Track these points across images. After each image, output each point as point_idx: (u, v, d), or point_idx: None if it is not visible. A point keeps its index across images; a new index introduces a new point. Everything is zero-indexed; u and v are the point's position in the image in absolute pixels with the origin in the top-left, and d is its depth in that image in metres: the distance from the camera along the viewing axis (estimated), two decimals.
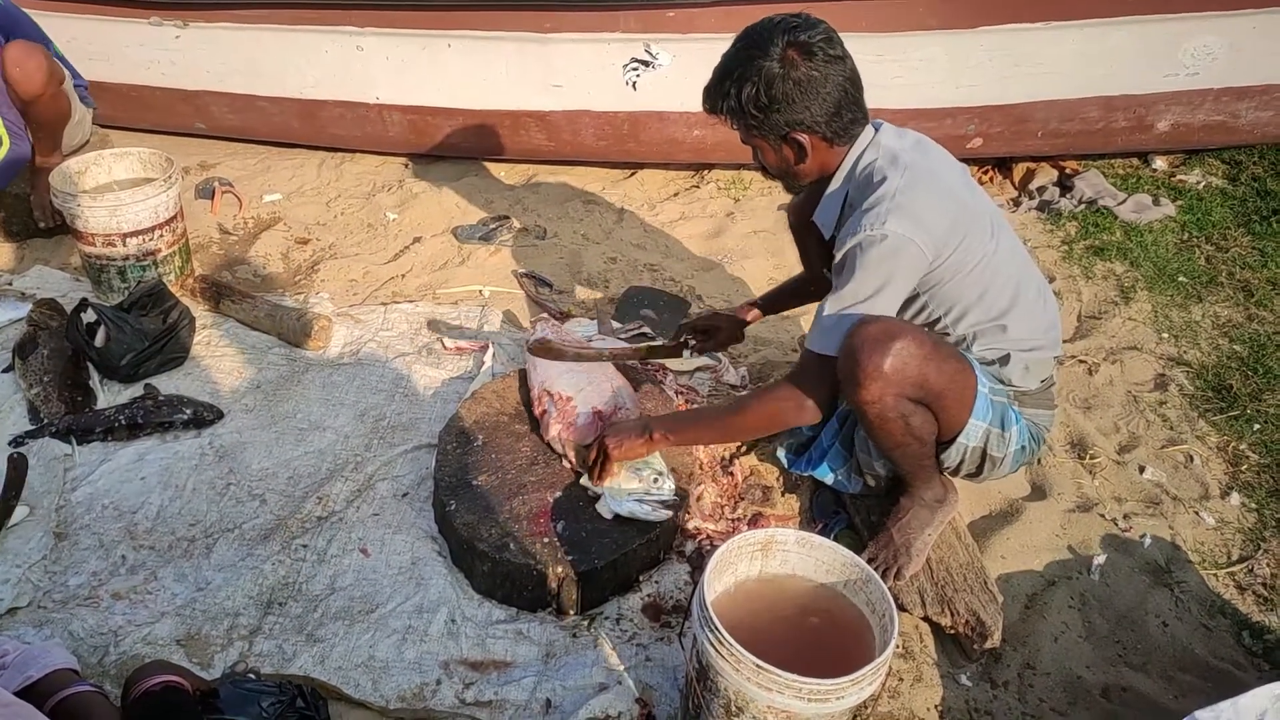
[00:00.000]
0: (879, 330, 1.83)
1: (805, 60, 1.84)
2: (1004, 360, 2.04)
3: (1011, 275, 2.02)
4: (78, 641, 1.96)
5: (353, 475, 2.40)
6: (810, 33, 1.85)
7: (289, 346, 2.87)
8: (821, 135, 1.92)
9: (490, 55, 3.55)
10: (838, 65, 1.87)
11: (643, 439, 2.09)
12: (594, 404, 2.30)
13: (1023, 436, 2.08)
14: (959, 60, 3.36)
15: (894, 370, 1.82)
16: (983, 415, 1.99)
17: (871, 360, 1.82)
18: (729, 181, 3.90)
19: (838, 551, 1.80)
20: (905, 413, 1.90)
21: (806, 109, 1.88)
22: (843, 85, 1.89)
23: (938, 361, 1.88)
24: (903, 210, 1.84)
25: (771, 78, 1.85)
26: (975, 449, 2.03)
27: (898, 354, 1.82)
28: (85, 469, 2.40)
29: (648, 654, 1.98)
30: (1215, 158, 3.83)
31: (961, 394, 1.95)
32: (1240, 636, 2.08)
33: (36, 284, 3.14)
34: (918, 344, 1.84)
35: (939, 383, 1.89)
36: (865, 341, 1.83)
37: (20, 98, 3.14)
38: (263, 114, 3.94)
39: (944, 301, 1.99)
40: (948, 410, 1.95)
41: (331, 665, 1.94)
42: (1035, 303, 2.07)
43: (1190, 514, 2.36)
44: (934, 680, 1.98)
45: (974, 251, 1.94)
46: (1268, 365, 2.80)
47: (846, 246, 1.89)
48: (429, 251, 3.43)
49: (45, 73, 3.12)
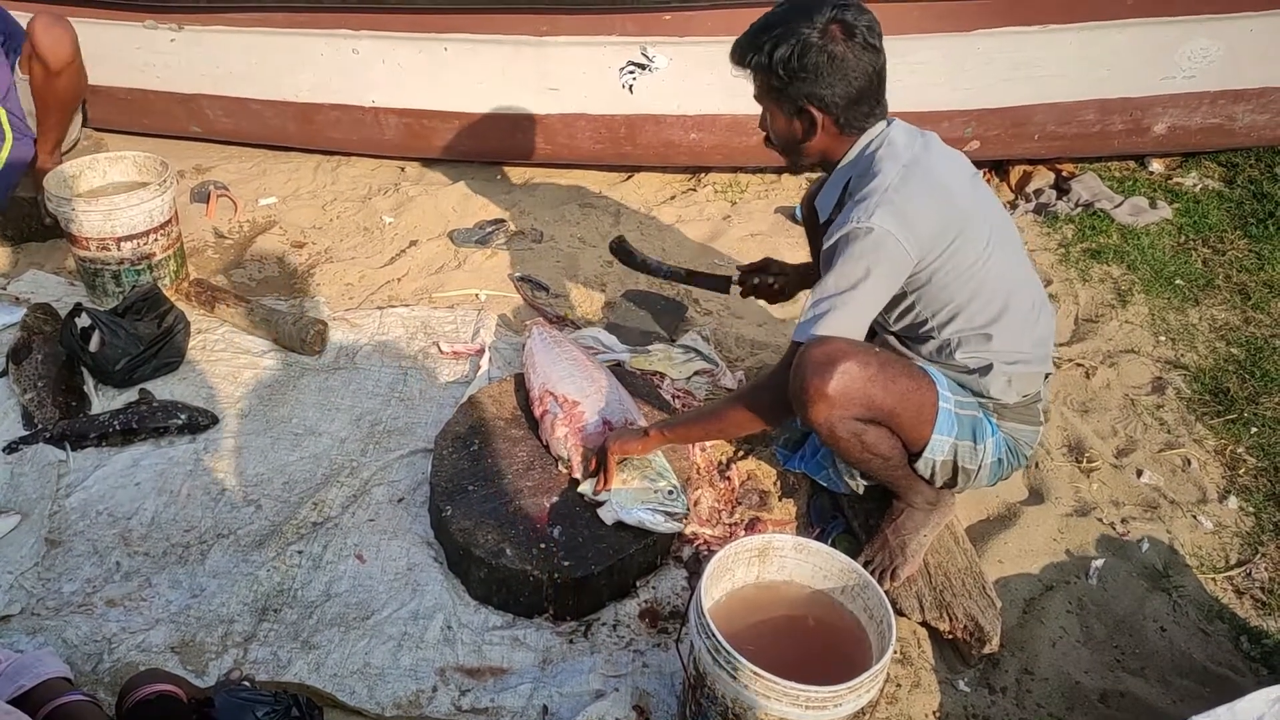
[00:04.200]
0: (822, 353, 1.84)
1: (845, 38, 1.85)
2: (985, 370, 2.01)
3: (1004, 285, 1.99)
4: (71, 649, 1.95)
5: (348, 480, 2.39)
6: (857, 14, 1.86)
7: (284, 351, 2.86)
8: (834, 118, 1.92)
9: (486, 58, 3.54)
10: (872, 54, 1.88)
11: (639, 437, 2.12)
12: (601, 412, 2.31)
13: (999, 450, 2.06)
14: (956, 63, 3.36)
15: (837, 392, 1.82)
16: (946, 430, 1.97)
17: (813, 383, 1.83)
18: (726, 184, 3.90)
19: (834, 557, 1.79)
20: (856, 431, 1.90)
21: (830, 86, 1.88)
22: (870, 75, 1.89)
23: (884, 381, 1.87)
24: (892, 205, 1.84)
25: (809, 45, 1.85)
26: (944, 462, 2.01)
27: (840, 376, 1.82)
28: (79, 475, 2.39)
29: (645, 660, 1.97)
30: (1212, 160, 3.83)
31: (918, 411, 1.94)
32: (1238, 641, 2.07)
33: (31, 288, 3.13)
34: (861, 365, 1.84)
35: (888, 402, 1.89)
36: (809, 364, 1.84)
37: (51, 68, 3.10)
38: (258, 117, 3.93)
39: (931, 303, 1.97)
40: (904, 428, 1.95)
41: (327, 672, 1.93)
42: (1027, 315, 2.04)
43: (1188, 518, 2.36)
44: (932, 686, 1.97)
45: (965, 256, 1.92)
46: (1265, 368, 2.79)
47: (834, 237, 1.89)
48: (425, 255, 3.42)
49: (73, 38, 3.11)
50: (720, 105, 3.49)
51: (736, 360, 2.88)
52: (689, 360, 2.79)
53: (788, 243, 3.47)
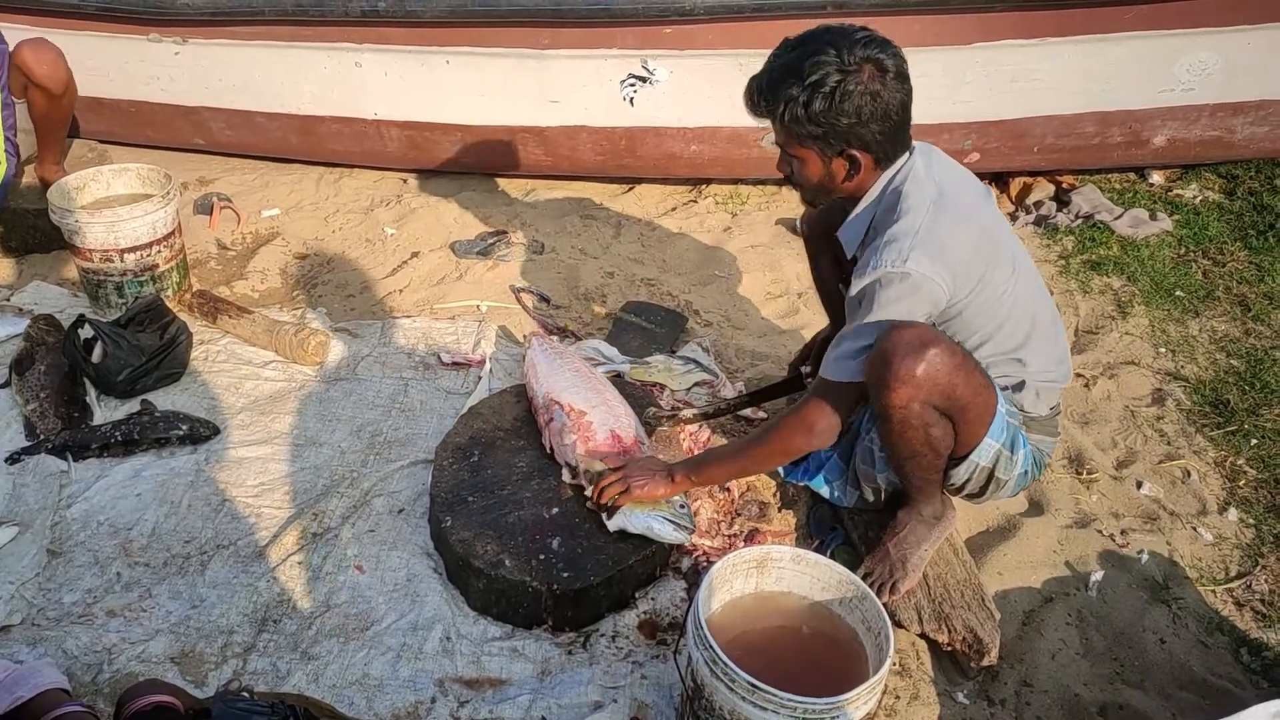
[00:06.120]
0: (914, 335, 1.82)
1: (881, 74, 1.81)
2: (1018, 387, 2.04)
3: (1029, 308, 2.01)
4: (71, 659, 1.95)
5: (348, 491, 2.39)
6: (883, 48, 1.82)
7: (286, 362, 2.87)
8: (875, 155, 1.89)
9: (488, 71, 3.56)
10: (906, 87, 1.85)
11: (666, 482, 2.10)
12: (610, 425, 2.30)
13: (1027, 461, 2.07)
14: (956, 76, 3.37)
15: (925, 376, 1.82)
16: (998, 435, 1.98)
17: (905, 364, 1.81)
18: (726, 196, 3.91)
19: (833, 569, 1.79)
20: (928, 421, 1.90)
21: (871, 126, 1.83)
22: (906, 107, 1.87)
23: (966, 373, 1.88)
24: (926, 247, 1.82)
25: (849, 89, 1.79)
26: (984, 469, 2.02)
27: (930, 360, 1.81)
28: (81, 485, 2.40)
29: (643, 672, 1.97)
30: (1212, 172, 3.84)
31: (983, 410, 1.94)
32: (1238, 653, 2.07)
33: (34, 299, 3.14)
34: (949, 353, 1.85)
35: (965, 395, 1.89)
36: (899, 345, 1.82)
37: (53, 93, 3.12)
38: (261, 130, 3.95)
39: (960, 331, 1.98)
40: (969, 424, 1.95)
41: (326, 683, 1.93)
42: (1049, 334, 2.07)
43: (1188, 530, 2.36)
44: (931, 698, 1.97)
45: (994, 287, 1.93)
46: (1265, 380, 2.80)
47: (866, 280, 1.87)
48: (427, 267, 3.43)
49: (64, 58, 3.12)
50: (721, 118, 3.50)
51: (737, 371, 2.89)
52: (689, 371, 2.80)
53: (789, 254, 3.48)
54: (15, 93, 3.15)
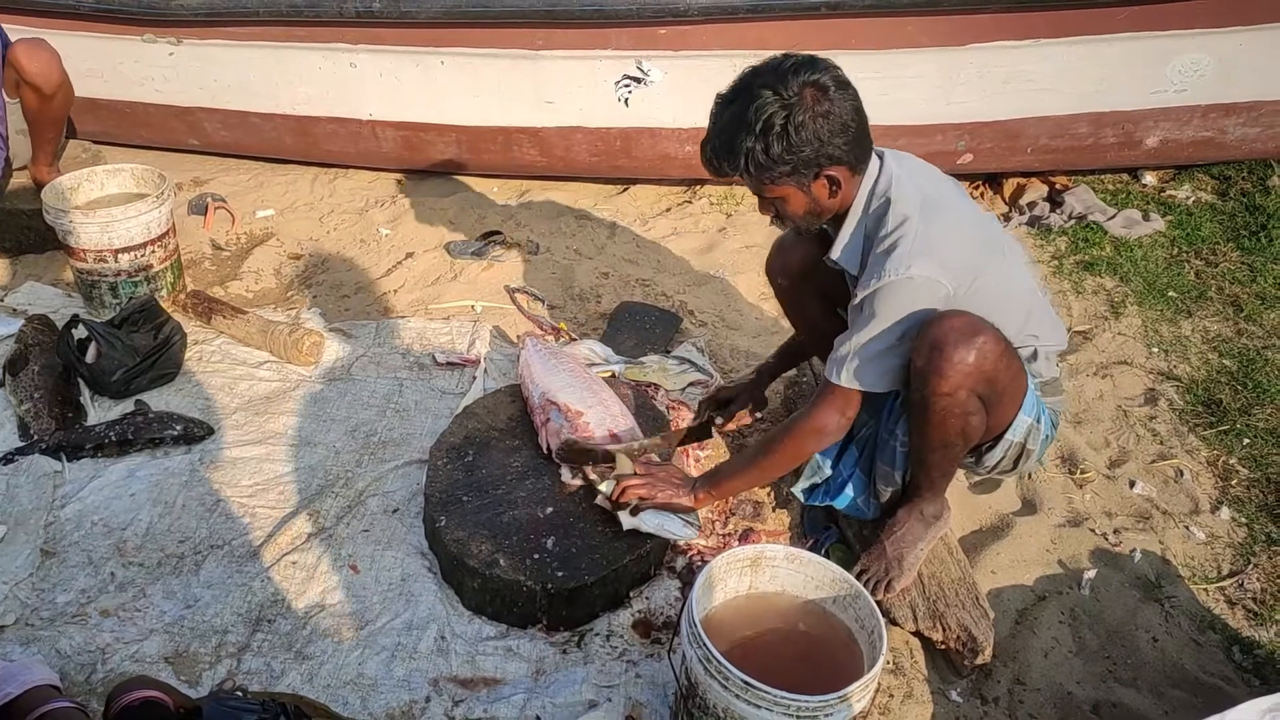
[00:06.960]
0: (964, 324, 1.85)
1: (823, 96, 1.81)
2: (1033, 356, 2.08)
3: (1023, 283, 2.07)
4: (65, 659, 1.95)
5: (343, 491, 2.39)
6: (814, 69, 1.83)
7: (280, 362, 2.87)
8: (849, 164, 1.90)
9: (483, 72, 3.56)
10: (851, 92, 1.86)
11: (689, 497, 2.13)
12: (607, 424, 2.32)
13: (1047, 426, 2.12)
14: (950, 77, 3.38)
15: (976, 364, 1.85)
16: (1030, 410, 2.03)
17: (957, 353, 1.83)
18: (721, 197, 3.92)
19: (826, 567, 1.80)
20: (969, 410, 1.92)
21: (834, 143, 1.84)
22: (860, 112, 1.88)
23: (1009, 359, 1.92)
24: (926, 251, 1.86)
25: (801, 120, 1.80)
26: (1017, 444, 2.06)
27: (981, 349, 1.84)
28: (75, 485, 2.39)
29: (637, 670, 1.98)
30: (1204, 173, 3.85)
31: (1017, 391, 1.99)
32: (1230, 652, 2.08)
33: (28, 299, 3.14)
34: (995, 340, 1.88)
35: (1005, 380, 1.93)
36: (951, 334, 1.84)
37: (45, 92, 3.12)
38: (256, 130, 3.95)
39: None
40: (1004, 408, 1.98)
41: (320, 683, 1.93)
42: (1042, 303, 2.12)
43: (1180, 529, 2.37)
44: (924, 696, 1.97)
45: (992, 269, 1.96)
46: (1257, 380, 2.81)
47: (872, 288, 1.89)
48: (421, 267, 3.43)
49: (58, 58, 3.11)
50: None
51: (731, 371, 2.89)
52: (683, 371, 2.80)
53: None
54: (9, 91, 3.15)
